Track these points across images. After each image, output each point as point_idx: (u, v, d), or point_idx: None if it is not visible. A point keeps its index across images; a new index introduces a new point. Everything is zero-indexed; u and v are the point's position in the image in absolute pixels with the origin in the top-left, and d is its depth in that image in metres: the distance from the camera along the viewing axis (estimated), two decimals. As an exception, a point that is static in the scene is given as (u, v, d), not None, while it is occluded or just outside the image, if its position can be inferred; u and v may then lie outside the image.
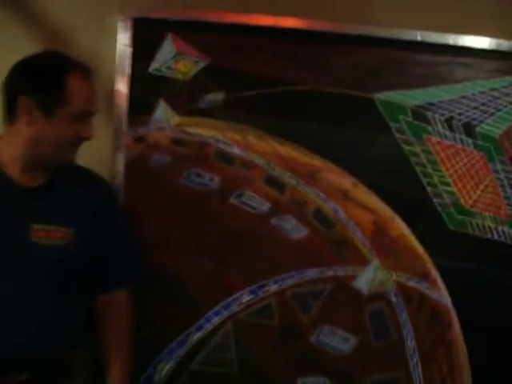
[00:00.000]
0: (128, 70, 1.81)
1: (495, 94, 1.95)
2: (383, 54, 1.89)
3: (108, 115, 1.83)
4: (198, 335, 1.85)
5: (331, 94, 1.87)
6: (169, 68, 1.81)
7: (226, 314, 1.85)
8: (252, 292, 1.86)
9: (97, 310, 1.60)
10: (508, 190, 1.97)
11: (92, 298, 1.61)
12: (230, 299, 1.85)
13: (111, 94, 1.83)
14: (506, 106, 1.96)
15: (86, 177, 1.57)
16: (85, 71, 1.46)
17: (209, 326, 1.85)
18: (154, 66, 1.82)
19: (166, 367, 1.86)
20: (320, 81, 1.88)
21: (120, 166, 1.81)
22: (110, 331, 1.59)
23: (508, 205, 1.98)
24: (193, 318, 1.86)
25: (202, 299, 1.87)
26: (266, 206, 1.86)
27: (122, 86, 1.81)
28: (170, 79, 1.83)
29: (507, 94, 1.97)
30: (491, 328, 1.98)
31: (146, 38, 1.80)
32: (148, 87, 1.82)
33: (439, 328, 1.96)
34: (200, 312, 1.86)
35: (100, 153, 1.85)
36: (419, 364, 1.95)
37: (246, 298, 1.86)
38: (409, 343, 1.94)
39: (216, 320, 1.85)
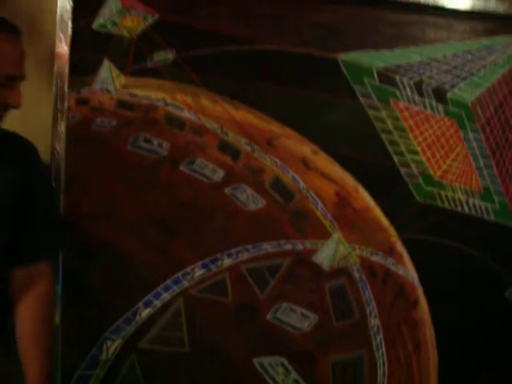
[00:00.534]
0: (70, 26, 1.66)
1: (468, 57, 1.85)
2: (348, 11, 1.78)
3: (49, 76, 1.70)
4: (146, 312, 1.74)
5: (291, 54, 1.77)
6: (114, 24, 1.69)
7: (176, 289, 1.75)
8: (204, 266, 1.75)
9: (12, 287, 1.46)
10: (480, 159, 1.86)
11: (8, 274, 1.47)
12: (180, 274, 1.74)
13: (52, 53, 1.67)
14: (479, 70, 1.86)
15: (12, 142, 1.45)
16: (9, 31, 1.34)
17: (158, 303, 1.75)
18: (98, 23, 1.70)
19: (112, 346, 1.74)
20: (280, 39, 1.76)
21: (61, 131, 1.66)
22: (26, 309, 1.46)
23: (480, 176, 1.87)
24: (141, 293, 1.74)
25: (151, 274, 1.74)
26: (219, 175, 1.74)
27: (63, 44, 1.68)
28: (116, 36, 1.71)
29: (481, 58, 1.86)
30: (459, 304, 1.89)
31: (90, -9, 1.66)
32: (91, 45, 1.71)
33: (405, 306, 1.88)
34: (148, 287, 1.74)
35: (41, 118, 1.72)
36: (383, 343, 1.84)
37: (197, 273, 1.75)
38: (372, 321, 1.84)
39: (166, 296, 1.75)
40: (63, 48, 1.69)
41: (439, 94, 1.83)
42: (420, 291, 1.89)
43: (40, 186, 1.50)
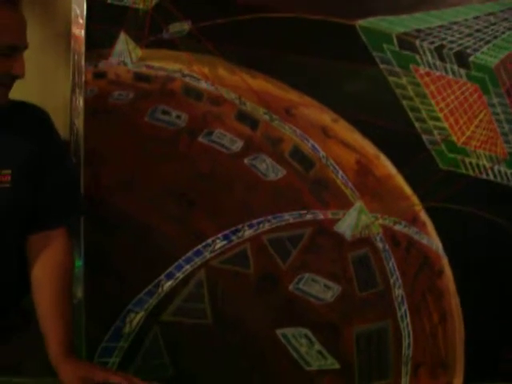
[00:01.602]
0: (85, 0, 1.66)
1: (491, 19, 1.82)
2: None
3: (66, 51, 1.72)
4: (168, 284, 1.76)
5: (308, 21, 1.77)
6: (129, -4, 1.68)
7: (197, 261, 1.78)
8: (225, 237, 1.77)
9: (28, 253, 1.48)
10: (505, 125, 1.84)
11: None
12: (201, 245, 1.76)
13: (68, 28, 1.68)
14: (503, 33, 1.84)
15: (23, 111, 1.47)
16: (6, 0, 1.32)
17: (180, 275, 1.77)
18: (113, -5, 1.68)
19: (136, 318, 1.77)
20: (296, 7, 1.75)
21: (80, 104, 1.68)
22: (43, 273, 1.47)
23: (505, 142, 1.84)
24: (162, 266, 1.76)
25: (172, 246, 1.77)
26: (238, 145, 1.76)
27: (78, 19, 1.69)
28: (131, 9, 1.73)
29: (505, 19, 1.83)
30: (486, 274, 1.86)
31: (104, -36, 1.68)
32: (107, 18, 1.72)
33: (429, 275, 1.87)
34: (170, 260, 1.77)
35: (59, 92, 1.75)
36: (408, 313, 1.83)
37: (219, 244, 1.77)
38: (396, 291, 1.83)
39: (187, 268, 1.77)
40: (79, 22, 1.71)
41: (461, 59, 1.81)
42: (445, 260, 1.87)
43: (55, 152, 1.52)
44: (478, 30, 1.80)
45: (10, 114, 1.43)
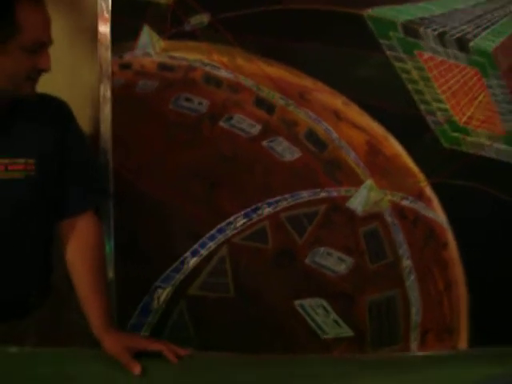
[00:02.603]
0: (110, -5, 1.77)
1: (489, 6, 1.94)
2: (372, -32, 1.84)
3: (93, 43, 1.80)
4: (193, 261, 1.87)
5: (320, 12, 1.88)
6: (151, -9, 1.78)
7: (220, 238, 1.89)
8: (246, 215, 1.89)
9: (62, 238, 1.59)
10: (503, 105, 1.96)
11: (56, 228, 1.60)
12: (224, 223, 1.87)
13: (94, 21, 1.78)
14: (501, 19, 1.93)
15: (46, 103, 1.57)
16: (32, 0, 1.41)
17: (204, 252, 1.87)
18: (136, -9, 1.78)
19: (163, 294, 1.87)
20: (308, -1, 1.83)
21: (107, 94, 1.79)
22: (79, 257, 1.58)
23: (503, 121, 1.95)
24: (188, 244, 1.86)
25: (196, 225, 1.88)
26: (256, 129, 1.87)
27: (104, 13, 1.78)
28: (153, 3, 1.83)
29: (502, 6, 1.93)
30: (488, 245, 1.98)
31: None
32: (131, 12, 1.82)
33: (435, 247, 1.99)
34: (195, 238, 1.87)
35: (87, 83, 1.83)
36: (415, 282, 1.95)
37: (240, 222, 1.88)
38: (404, 262, 1.95)
39: (211, 245, 1.87)
40: (104, 17, 1.79)
41: (462, 44, 1.92)
42: (449, 233, 1.99)
43: (78, 141, 1.61)
44: (477, 17, 1.92)
45: (34, 106, 1.52)
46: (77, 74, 1.83)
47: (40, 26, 1.42)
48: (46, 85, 1.50)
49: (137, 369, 1.39)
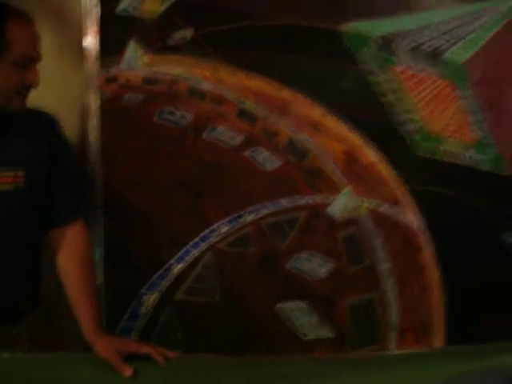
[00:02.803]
0: (96, 12, 1.83)
1: (458, 22, 2.02)
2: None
3: (78, 58, 1.87)
4: (179, 267, 1.92)
5: (300, 28, 1.94)
6: (136, 8, 1.87)
7: (205, 245, 1.93)
8: (229, 223, 1.95)
9: (53, 247, 1.64)
10: (473, 115, 2.04)
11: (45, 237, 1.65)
12: (207, 231, 1.93)
13: (81, 36, 1.84)
14: (469, 34, 2.02)
15: (35, 117, 1.61)
16: (21, 16, 1.48)
17: (189, 258, 1.92)
18: (121, 7, 1.87)
19: (150, 299, 1.93)
20: (287, 14, 1.94)
21: (94, 107, 1.84)
22: (70, 263, 1.62)
23: (474, 130, 2.05)
24: (173, 251, 1.93)
25: (181, 232, 1.95)
26: (238, 139, 1.95)
27: (90, 29, 1.84)
28: (138, 19, 1.89)
29: (471, 22, 2.02)
30: (462, 249, 2.08)
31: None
32: (117, 28, 1.87)
33: (410, 251, 2.06)
34: (179, 245, 1.93)
35: (74, 96, 1.89)
36: (393, 285, 2.03)
37: (223, 229, 1.94)
38: (382, 266, 2.02)
39: (195, 252, 1.93)
40: (91, 32, 1.85)
41: (434, 57, 2.02)
42: (424, 237, 2.07)
43: (66, 154, 1.65)
44: (447, 32, 2.01)
45: (24, 119, 1.57)
46: (65, 87, 1.89)
47: (29, 42, 1.48)
48: (35, 99, 1.55)
49: (128, 371, 1.44)
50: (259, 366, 1.57)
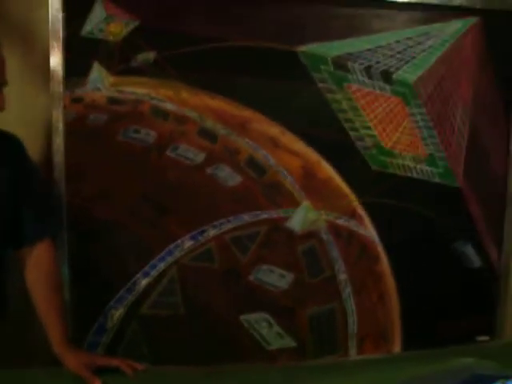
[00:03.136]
0: (61, 34, 1.88)
1: (409, 42, 2.14)
2: (305, 9, 2.01)
3: (45, 79, 1.90)
4: (144, 282, 1.97)
5: (258, 49, 2.04)
6: (101, 30, 1.92)
7: (170, 260, 1.99)
8: (193, 238, 1.99)
9: (21, 265, 1.69)
10: (424, 130, 2.14)
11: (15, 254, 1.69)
12: (172, 246, 1.98)
13: (46, 58, 1.88)
14: (419, 54, 2.13)
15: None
16: None
17: (154, 273, 1.97)
18: (86, 29, 1.92)
19: (116, 314, 1.97)
20: (247, 36, 2.02)
21: (60, 127, 1.89)
22: (37, 280, 1.67)
23: (425, 145, 2.15)
24: (138, 266, 1.97)
25: (147, 248, 2.00)
26: (200, 157, 2.01)
27: (56, 51, 1.89)
28: (103, 41, 1.94)
29: (420, 43, 2.13)
30: (415, 259, 2.17)
31: (78, 2, 1.89)
32: (82, 50, 1.92)
33: (367, 261, 2.16)
34: (145, 260, 1.97)
35: (40, 116, 1.93)
36: (351, 295, 2.11)
37: (187, 244, 1.99)
38: (340, 276, 2.10)
39: (161, 266, 1.98)
40: (56, 54, 1.90)
41: (386, 76, 2.12)
42: (380, 248, 2.16)
43: (31, 174, 1.71)
44: (398, 52, 2.12)
45: None
46: (30, 108, 1.93)
47: None
48: (0, 119, 1.60)
49: (97, 383, 1.49)
50: (225, 376, 1.63)
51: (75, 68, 1.92)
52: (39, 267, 1.68)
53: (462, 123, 2.20)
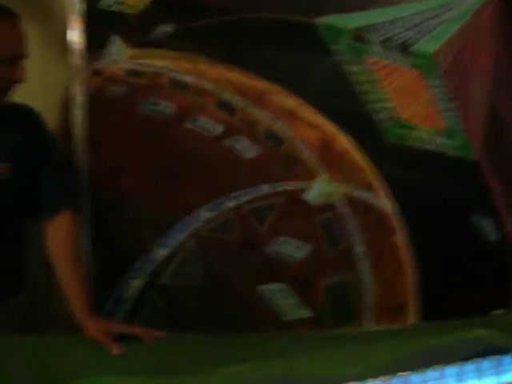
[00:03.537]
0: (79, 7, 1.87)
1: (429, 14, 2.11)
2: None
3: (64, 52, 1.92)
4: (163, 252, 1.98)
5: (276, 21, 2.01)
6: (119, 3, 1.91)
7: (187, 231, 2.01)
8: (211, 209, 2.01)
9: (44, 237, 1.71)
10: (443, 103, 2.13)
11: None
12: (189, 217, 1.99)
13: (65, 31, 1.89)
14: (438, 26, 2.10)
15: (18, 113, 1.67)
16: (7, 15, 1.54)
17: (173, 243, 1.98)
18: (105, 2, 1.91)
19: (135, 283, 1.99)
20: (265, 8, 2.02)
21: (79, 99, 1.90)
22: (60, 252, 1.70)
23: (443, 117, 2.13)
24: (157, 235, 1.99)
25: (165, 218, 2.03)
26: (219, 129, 2.02)
27: (74, 24, 1.89)
28: (121, 14, 1.93)
29: (439, 15, 2.11)
30: (431, 231, 2.16)
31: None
32: (100, 23, 1.93)
33: (384, 234, 2.17)
34: (164, 231, 2.02)
35: (58, 88, 1.98)
36: (368, 266, 2.12)
37: (205, 215, 2.01)
38: (357, 248, 2.10)
39: (179, 237, 2.00)
40: (75, 27, 1.90)
41: (404, 49, 2.10)
42: (397, 220, 2.16)
43: (49, 147, 1.73)
44: (417, 24, 2.10)
45: (7, 113, 1.63)
46: (50, 81, 1.94)
47: (14, 40, 1.54)
48: (21, 93, 1.62)
49: (117, 349, 1.52)
50: (244, 342, 1.65)
51: (94, 41, 1.93)
52: (60, 239, 1.70)
53: (481, 95, 2.19)
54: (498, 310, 2.28)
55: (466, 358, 1.52)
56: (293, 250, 2.13)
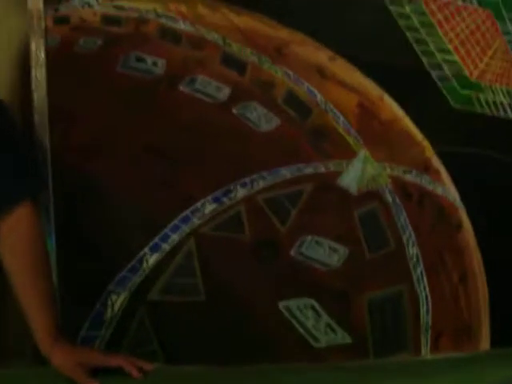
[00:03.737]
0: None
1: None
2: None
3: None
4: (154, 258, 1.95)
5: None
6: None
7: (186, 229, 1.97)
8: (215, 200, 1.96)
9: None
10: (523, 54, 2.08)
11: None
12: (189, 211, 1.95)
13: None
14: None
15: None
16: None
17: (166, 246, 1.95)
18: None
19: (118, 300, 1.95)
20: None
21: (40, 55, 1.86)
22: (14, 258, 1.65)
23: (522, 73, 2.09)
24: (145, 237, 1.94)
25: (155, 213, 1.99)
26: (224, 92, 1.99)
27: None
28: None
29: None
30: (507, 225, 2.10)
31: None
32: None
33: (446, 230, 2.12)
34: (153, 229, 1.97)
35: (13, 42, 1.92)
36: (424, 274, 2.07)
37: (208, 208, 1.97)
38: (410, 250, 2.06)
39: (174, 238, 1.94)
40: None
41: (471, -18, 2.04)
42: (463, 212, 2.10)
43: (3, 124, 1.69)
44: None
45: None
46: (2, 31, 1.90)
47: None
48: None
49: (95, 388, 1.48)
50: (260, 379, 1.61)
51: (58, -23, 1.91)
52: (17, 241, 1.65)
53: None
54: None
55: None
56: (324, 254, 2.08)
